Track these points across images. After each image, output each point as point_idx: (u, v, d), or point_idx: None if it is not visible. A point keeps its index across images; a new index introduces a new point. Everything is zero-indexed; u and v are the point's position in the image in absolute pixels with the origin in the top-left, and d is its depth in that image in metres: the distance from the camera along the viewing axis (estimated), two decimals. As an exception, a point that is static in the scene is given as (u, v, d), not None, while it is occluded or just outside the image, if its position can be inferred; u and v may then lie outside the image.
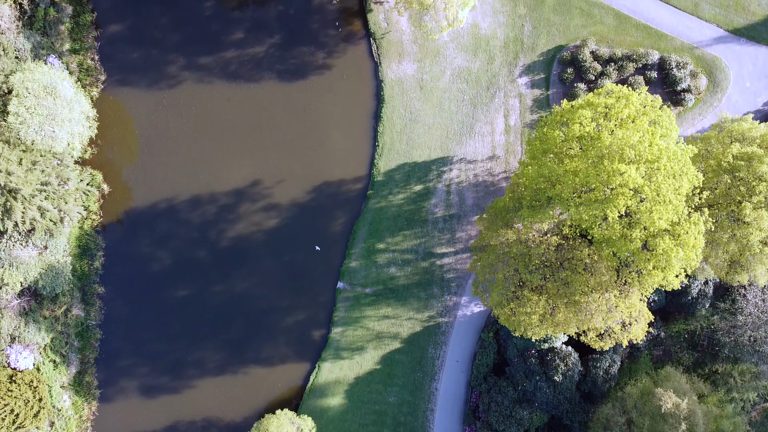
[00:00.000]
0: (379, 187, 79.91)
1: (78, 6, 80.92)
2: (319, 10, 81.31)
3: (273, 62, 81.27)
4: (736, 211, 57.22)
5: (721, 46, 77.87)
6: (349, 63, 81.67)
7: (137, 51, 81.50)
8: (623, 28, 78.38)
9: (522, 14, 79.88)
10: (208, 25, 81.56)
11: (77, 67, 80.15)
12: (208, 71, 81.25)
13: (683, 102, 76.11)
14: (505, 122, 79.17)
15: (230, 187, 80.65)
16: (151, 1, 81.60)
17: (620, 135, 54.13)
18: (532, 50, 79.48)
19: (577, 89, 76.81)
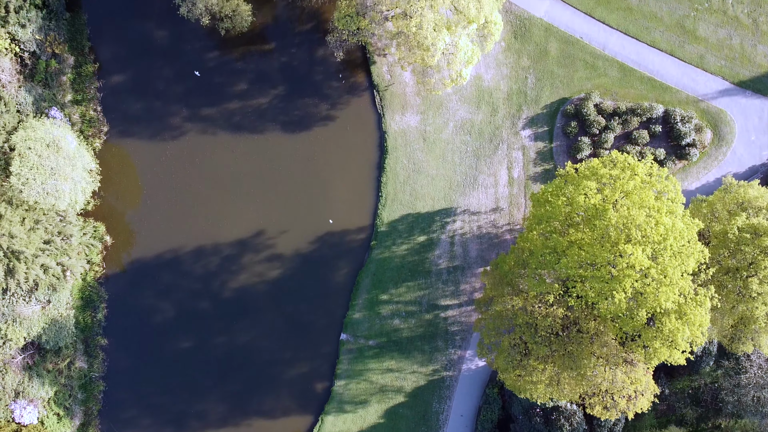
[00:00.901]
0: (383, 238, 79.76)
1: (80, 57, 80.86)
2: (323, 62, 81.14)
3: (277, 113, 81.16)
4: (742, 285, 57.06)
5: (727, 99, 77.62)
6: (353, 114, 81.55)
7: (140, 102, 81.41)
8: (628, 81, 78.15)
9: (525, 66, 79.67)
10: (212, 76, 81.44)
11: (79, 119, 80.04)
12: (212, 122, 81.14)
13: (688, 156, 75.88)
14: (508, 174, 78.99)
15: (233, 237, 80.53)
16: (154, 52, 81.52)
17: (626, 212, 53.93)
18: (536, 102, 79.29)
19: (581, 143, 76.60)
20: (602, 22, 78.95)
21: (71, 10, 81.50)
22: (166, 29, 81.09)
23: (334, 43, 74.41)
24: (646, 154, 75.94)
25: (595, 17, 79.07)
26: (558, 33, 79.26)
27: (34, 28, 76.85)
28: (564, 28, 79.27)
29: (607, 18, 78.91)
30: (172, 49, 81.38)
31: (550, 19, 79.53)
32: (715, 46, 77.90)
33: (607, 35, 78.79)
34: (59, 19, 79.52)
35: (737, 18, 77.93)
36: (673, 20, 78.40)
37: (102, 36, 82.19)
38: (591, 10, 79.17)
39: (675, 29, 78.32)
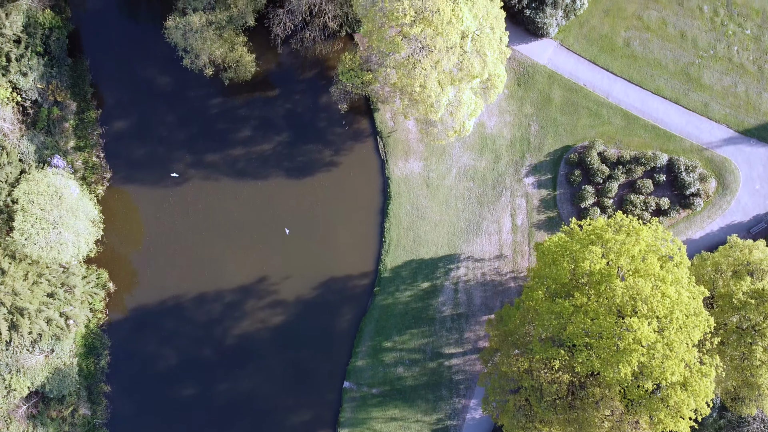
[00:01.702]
0: (386, 284, 79.63)
1: (82, 103, 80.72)
2: (327, 108, 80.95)
3: (280, 159, 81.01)
4: (746, 352, 56.95)
5: (731, 147, 77.43)
6: (356, 160, 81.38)
7: (143, 148, 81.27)
8: (632, 129, 77.97)
9: (528, 114, 79.50)
10: (215, 122, 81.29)
11: (82, 165, 79.89)
12: (215, 168, 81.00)
13: (692, 206, 75.69)
14: (512, 221, 78.84)
15: (236, 284, 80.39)
16: (157, 99, 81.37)
17: (632, 283, 53.80)
18: (539, 150, 79.13)
19: (585, 192, 76.42)
20: (606, 70, 78.77)
21: (73, 55, 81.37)
22: (169, 75, 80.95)
23: (337, 95, 74.23)
24: (651, 203, 75.78)
25: (599, 64, 78.89)
26: (561, 80, 79.08)
27: (36, 75, 76.73)
28: (568, 76, 79.10)
29: (611, 65, 78.73)
30: (175, 95, 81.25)
31: (553, 67, 79.36)
32: (720, 93, 77.71)
33: (611, 83, 78.59)
34: (61, 66, 79.38)
35: (742, 65, 77.73)
36: (678, 68, 78.20)
37: (105, 82, 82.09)
38: (595, 58, 78.98)
39: (679, 77, 78.12)
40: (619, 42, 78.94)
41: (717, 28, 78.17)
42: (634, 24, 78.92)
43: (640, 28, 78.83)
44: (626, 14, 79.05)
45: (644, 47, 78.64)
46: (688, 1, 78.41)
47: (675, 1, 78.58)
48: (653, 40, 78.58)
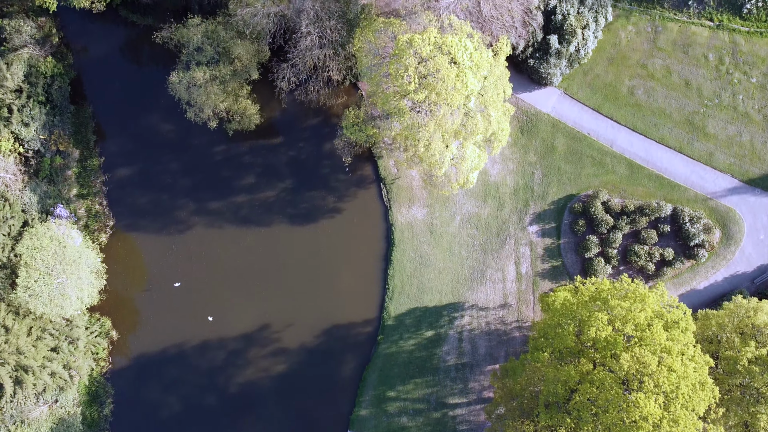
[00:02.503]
0: (390, 332, 79.48)
1: (85, 150, 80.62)
2: (330, 155, 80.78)
3: (284, 206, 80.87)
4: (750, 420, 56.89)
5: (736, 197, 77.24)
6: (360, 206, 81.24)
7: (146, 196, 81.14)
8: (636, 178, 77.78)
9: (532, 162, 79.34)
10: (219, 170, 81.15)
11: (85, 213, 79.79)
12: (219, 215, 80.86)
13: (696, 257, 75.50)
14: (516, 270, 78.67)
15: (239, 331, 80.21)
16: (161, 146, 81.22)
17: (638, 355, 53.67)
18: (543, 198, 78.95)
19: (589, 242, 76.24)
20: (610, 119, 78.58)
21: (76, 102, 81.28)
22: (173, 122, 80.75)
23: (342, 148, 74.05)
24: (655, 254, 75.63)
25: (603, 113, 78.70)
26: (565, 129, 78.91)
27: (38, 125, 76.60)
28: (571, 124, 78.91)
29: (615, 114, 78.54)
30: (178, 142, 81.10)
31: (557, 115, 79.17)
32: (724, 143, 77.53)
33: (615, 132, 78.40)
34: (63, 114, 79.27)
35: (747, 114, 77.53)
36: (683, 116, 78.02)
37: (107, 129, 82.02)
38: (599, 107, 78.80)
39: (684, 126, 77.94)
40: (624, 90, 78.74)
41: (722, 77, 77.97)
42: (638, 72, 78.71)
43: (644, 77, 78.62)
44: (630, 63, 78.84)
45: (649, 96, 78.44)
46: (693, 50, 78.20)
47: (680, 49, 78.35)
48: (658, 88, 78.38)
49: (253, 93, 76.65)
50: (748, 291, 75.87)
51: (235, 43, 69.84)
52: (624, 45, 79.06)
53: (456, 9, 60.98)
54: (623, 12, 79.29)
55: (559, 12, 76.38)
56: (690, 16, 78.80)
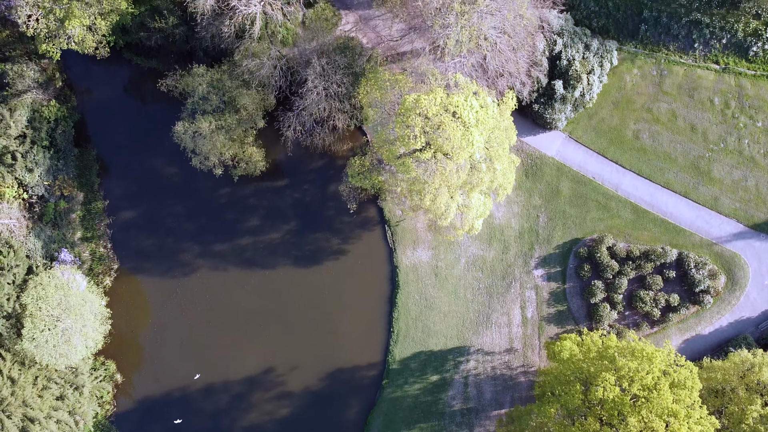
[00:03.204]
0: (395, 376, 79.37)
1: (89, 193, 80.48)
2: (335, 197, 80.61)
3: (288, 248, 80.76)
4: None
5: (741, 242, 77.13)
6: (364, 248, 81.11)
7: (150, 238, 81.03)
8: (641, 223, 77.66)
9: (537, 205, 79.22)
10: (224, 212, 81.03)
11: (89, 256, 79.66)
12: (223, 258, 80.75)
13: (702, 303, 75.44)
14: (521, 314, 78.60)
15: (243, 374, 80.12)
16: (165, 189, 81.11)
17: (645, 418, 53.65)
18: (548, 242, 78.83)
19: (595, 287, 76.13)
20: (615, 163, 78.46)
21: (79, 145, 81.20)
22: (177, 165, 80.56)
23: (347, 195, 73.96)
24: (660, 300, 75.58)
25: (607, 157, 78.59)
26: (570, 172, 78.79)
27: (42, 170, 76.46)
28: (576, 168, 78.80)
29: (620, 158, 78.42)
30: (182, 185, 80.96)
31: (562, 159, 79.06)
32: (729, 187, 77.42)
33: (620, 176, 78.29)
34: (67, 157, 79.18)
35: (753, 159, 77.42)
36: (688, 161, 77.91)
37: (112, 171, 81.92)
38: (604, 150, 78.68)
39: (689, 170, 77.83)
40: (629, 134, 78.62)
41: (728, 121, 77.85)
42: (643, 116, 78.58)
43: (649, 121, 78.50)
44: (636, 106, 78.71)
45: (654, 140, 78.32)
46: (698, 93, 78.05)
47: (685, 93, 78.21)
48: (663, 132, 78.28)
49: (258, 138, 76.55)
50: (753, 336, 75.84)
51: (241, 92, 69.72)
52: (629, 89, 78.93)
53: (462, 67, 60.83)
54: (628, 55, 79.13)
55: (564, 57, 76.25)
56: (696, 59, 78.65)
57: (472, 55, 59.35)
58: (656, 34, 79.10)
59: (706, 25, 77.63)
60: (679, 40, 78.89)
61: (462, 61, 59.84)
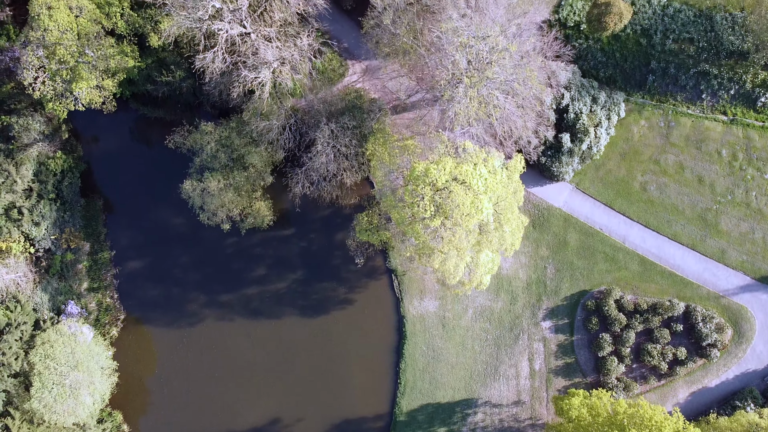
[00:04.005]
0: (402, 428, 79.27)
1: (96, 244, 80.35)
2: (341, 246, 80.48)
3: (295, 298, 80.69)
4: None
5: (747, 295, 77.09)
6: (371, 298, 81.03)
7: (157, 288, 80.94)
8: (648, 275, 77.60)
9: (544, 256, 79.15)
10: (230, 262, 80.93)
11: (96, 307, 79.56)
12: (229, 308, 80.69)
13: (708, 356, 75.42)
14: (529, 366, 78.54)
15: (249, 424, 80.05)
16: (171, 239, 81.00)
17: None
18: (556, 293, 78.77)
19: (602, 340, 76.05)
20: (623, 214, 78.40)
21: (86, 195, 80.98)
22: (183, 215, 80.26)
23: (354, 249, 73.85)
24: (668, 354, 75.58)
25: (615, 209, 78.53)
26: (577, 224, 78.72)
27: (49, 224, 76.33)
28: (583, 219, 78.73)
29: (627, 210, 78.35)
30: (189, 235, 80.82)
31: (569, 210, 79.00)
32: (737, 240, 77.36)
33: (627, 228, 78.23)
34: (74, 208, 79.04)
35: (760, 211, 77.33)
36: (695, 213, 77.84)
37: (118, 221, 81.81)
38: (611, 202, 78.61)
39: (697, 222, 77.77)
40: (636, 186, 78.55)
41: (735, 173, 77.79)
42: (651, 168, 78.52)
43: (657, 173, 78.43)
44: (643, 158, 78.64)
45: (661, 192, 78.25)
46: (706, 145, 77.97)
47: (693, 145, 78.14)
48: (670, 184, 78.20)
49: (265, 190, 76.36)
50: (759, 389, 75.78)
51: (249, 150, 69.60)
52: (636, 140, 78.85)
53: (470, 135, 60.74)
54: (636, 106, 79.03)
55: (571, 110, 76.18)
56: (704, 109, 78.55)
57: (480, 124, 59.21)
58: (664, 85, 79.03)
59: (714, 76, 77.59)
60: (686, 91, 78.82)
61: (470, 130, 59.70)
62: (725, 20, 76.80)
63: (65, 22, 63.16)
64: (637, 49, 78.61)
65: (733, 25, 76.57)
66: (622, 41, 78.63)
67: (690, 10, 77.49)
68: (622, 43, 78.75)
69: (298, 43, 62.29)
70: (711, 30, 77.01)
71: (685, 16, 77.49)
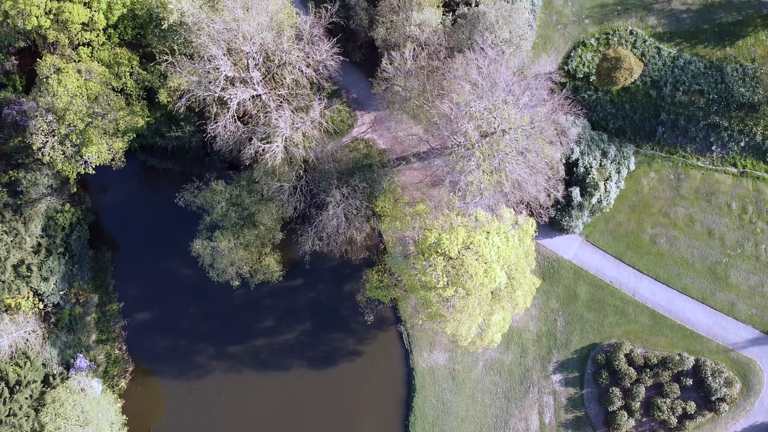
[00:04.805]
0: (411, 480, 79.32)
1: (104, 295, 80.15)
2: (350, 297, 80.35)
3: (303, 349, 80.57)
4: None
5: (756, 348, 76.99)
6: (380, 350, 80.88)
7: (165, 340, 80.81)
8: (658, 328, 77.48)
9: (554, 308, 79.03)
10: (238, 313, 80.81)
11: (105, 359, 79.37)
12: (238, 360, 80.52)
13: (717, 410, 75.37)
14: (539, 420, 78.44)
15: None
16: (180, 290, 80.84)
17: None
18: (566, 346, 78.65)
19: (612, 395, 75.94)
20: (632, 267, 78.26)
21: (94, 246, 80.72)
22: (192, 267, 79.78)
23: (364, 306, 73.70)
24: (677, 408, 75.52)
25: (625, 261, 78.39)
26: (587, 276, 78.59)
27: (57, 278, 76.10)
28: (593, 272, 78.60)
29: (637, 263, 78.23)
30: (197, 286, 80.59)
31: (579, 262, 78.86)
32: (746, 293, 77.24)
33: (637, 280, 78.11)
34: (82, 261, 78.72)
35: (769, 264, 77.31)
36: (705, 266, 77.71)
37: (126, 272, 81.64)
38: (621, 254, 78.48)
39: (706, 276, 77.64)
40: (646, 239, 78.41)
41: (745, 226, 77.66)
42: (660, 221, 78.37)
43: (666, 225, 78.29)
44: (653, 211, 78.48)
45: (671, 245, 78.13)
46: (716, 198, 77.83)
47: (703, 197, 78.00)
48: (680, 237, 78.07)
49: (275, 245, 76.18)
50: (770, 442, 75.97)
51: (260, 209, 69.35)
52: (646, 192, 78.70)
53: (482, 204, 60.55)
54: (645, 158, 78.89)
55: (581, 165, 76.02)
56: (713, 161, 78.41)
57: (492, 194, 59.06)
58: (674, 136, 78.89)
59: (725, 128, 77.47)
60: (696, 143, 78.70)
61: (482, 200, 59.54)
62: (736, 72, 76.68)
63: (74, 87, 62.86)
64: (646, 100, 78.52)
65: (744, 77, 76.45)
66: (632, 93, 78.52)
67: (700, 61, 77.42)
68: (632, 95, 78.66)
69: (311, 113, 62.04)
70: (721, 82, 76.89)
71: (695, 68, 77.40)
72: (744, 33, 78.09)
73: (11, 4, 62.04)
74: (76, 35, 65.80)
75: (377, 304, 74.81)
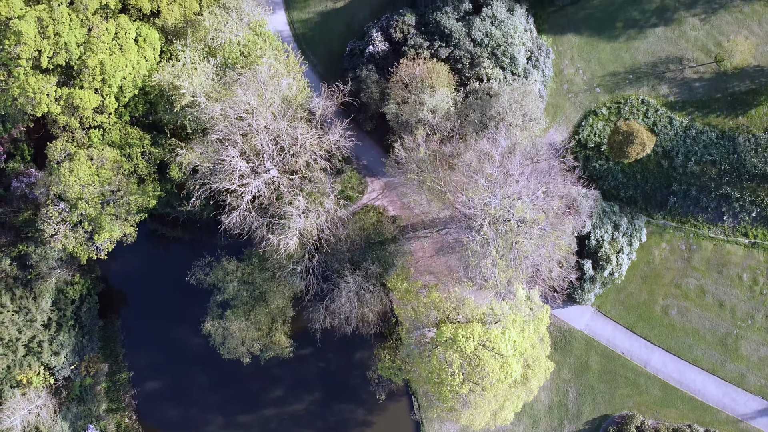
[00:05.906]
0: None
1: (114, 365, 80.00)
2: (360, 367, 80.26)
3: (313, 419, 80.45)
4: None
5: (765, 419, 76.86)
6: (390, 421, 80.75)
7: (175, 409, 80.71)
8: (669, 400, 77.46)
9: (566, 379, 78.95)
10: (248, 383, 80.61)
11: (115, 428, 79.32)
12: (247, 429, 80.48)
13: (730, 485, 75.57)
14: (549, 489, 78.56)
15: None
16: (190, 360, 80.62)
17: None
18: (577, 418, 78.62)
19: (623, 467, 76.14)
20: (644, 338, 78.19)
21: (104, 315, 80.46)
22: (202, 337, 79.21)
23: (375, 384, 73.60)
24: (689, 483, 75.68)
25: (636, 332, 78.32)
26: (599, 347, 78.51)
27: (68, 351, 75.86)
28: (605, 343, 78.52)
29: (648, 334, 78.15)
30: (207, 355, 79.90)
31: (590, 333, 78.79)
32: (756, 364, 77.20)
33: (649, 352, 78.05)
34: (92, 332, 78.48)
35: (780, 336, 77.27)
36: (716, 338, 77.65)
37: (136, 342, 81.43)
38: (632, 325, 78.40)
39: (717, 347, 77.59)
40: (657, 310, 78.30)
41: (756, 297, 77.56)
42: (672, 292, 78.26)
43: (678, 296, 78.18)
44: (664, 281, 78.37)
45: (682, 316, 78.04)
46: (727, 269, 77.70)
47: (714, 268, 77.88)
48: (692, 308, 77.98)
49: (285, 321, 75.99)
50: None
51: (271, 288, 69.07)
52: (658, 263, 78.57)
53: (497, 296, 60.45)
54: (657, 228, 78.74)
55: (593, 238, 75.88)
56: (725, 231, 78.23)
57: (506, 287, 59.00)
58: (685, 206, 78.70)
59: (736, 198, 77.30)
60: (708, 213, 78.51)
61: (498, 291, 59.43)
62: (748, 141, 76.45)
63: (86, 176, 62.47)
64: (658, 171, 78.34)
65: (756, 147, 76.21)
66: (643, 163, 78.32)
67: (712, 131, 77.21)
68: (643, 165, 78.46)
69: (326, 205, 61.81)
70: (733, 152, 76.68)
71: (707, 138, 77.18)
72: (757, 102, 77.85)
73: (20, 92, 61.54)
74: (87, 119, 65.38)
75: (389, 382, 74.66)
